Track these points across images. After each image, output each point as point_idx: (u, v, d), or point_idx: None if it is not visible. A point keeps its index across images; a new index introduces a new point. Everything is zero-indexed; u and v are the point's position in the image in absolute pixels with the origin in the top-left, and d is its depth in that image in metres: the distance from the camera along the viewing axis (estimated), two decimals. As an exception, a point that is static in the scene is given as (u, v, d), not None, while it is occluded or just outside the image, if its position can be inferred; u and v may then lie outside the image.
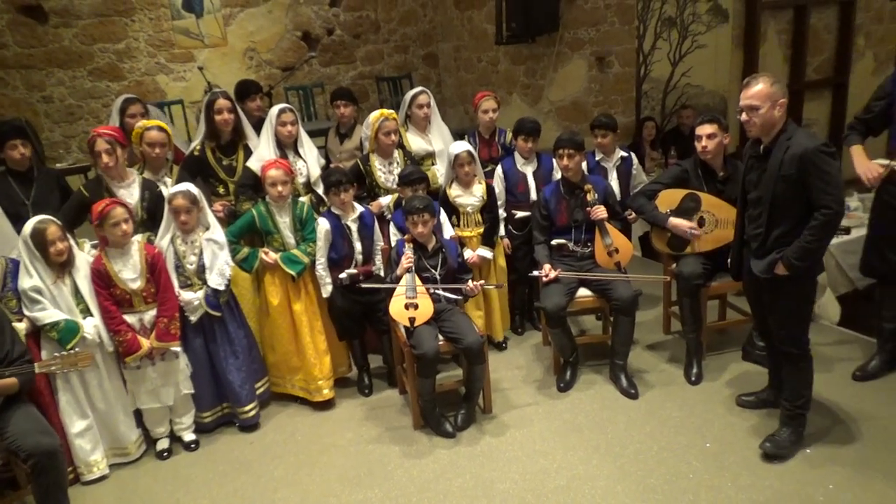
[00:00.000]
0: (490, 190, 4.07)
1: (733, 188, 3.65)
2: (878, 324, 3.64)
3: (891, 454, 3.02)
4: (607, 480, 3.01)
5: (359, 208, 3.80)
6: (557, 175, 4.09)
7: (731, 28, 6.90)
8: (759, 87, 2.80)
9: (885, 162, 3.35)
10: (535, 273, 3.75)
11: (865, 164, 3.37)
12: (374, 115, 4.00)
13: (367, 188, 4.11)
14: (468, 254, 3.96)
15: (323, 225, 3.66)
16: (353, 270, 3.70)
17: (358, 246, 3.74)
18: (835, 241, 4.09)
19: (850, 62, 7.56)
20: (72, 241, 3.21)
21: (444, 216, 3.92)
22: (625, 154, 4.40)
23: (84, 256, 3.30)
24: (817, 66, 7.50)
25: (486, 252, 4.02)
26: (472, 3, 6.87)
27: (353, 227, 3.73)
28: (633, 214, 4.08)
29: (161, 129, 3.74)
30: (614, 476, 3.03)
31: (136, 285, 3.27)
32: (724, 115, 6.85)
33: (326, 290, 3.70)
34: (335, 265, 3.70)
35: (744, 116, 2.85)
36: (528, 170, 4.21)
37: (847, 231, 3.92)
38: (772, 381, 3.39)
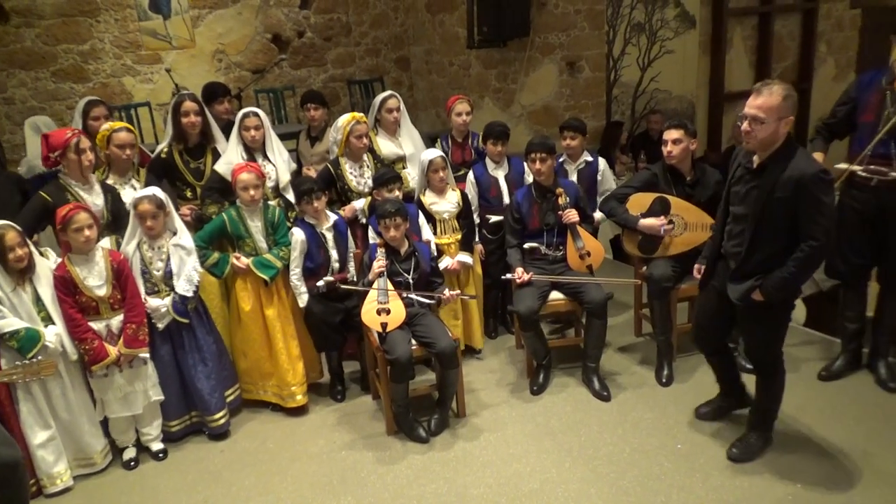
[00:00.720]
0: (465, 195, 4.07)
1: (701, 192, 3.70)
2: (842, 324, 3.72)
3: (856, 453, 3.08)
4: (580, 483, 3.02)
5: (332, 216, 3.76)
6: (529, 178, 4.10)
7: (699, 34, 7.03)
8: (768, 99, 2.55)
9: (844, 166, 3.40)
10: (508, 276, 3.76)
11: None
12: (345, 119, 3.97)
13: (337, 192, 4.08)
14: (448, 261, 3.95)
15: (298, 235, 3.62)
16: (329, 278, 3.66)
17: (334, 254, 3.71)
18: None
19: (813, 68, 7.76)
20: (32, 248, 3.12)
21: (422, 219, 3.91)
22: (590, 158, 4.37)
23: (45, 263, 3.20)
24: (781, 72, 7.68)
25: (466, 258, 4.01)
26: (444, 6, 6.87)
27: (329, 235, 3.69)
28: (598, 215, 4.07)
29: (129, 130, 3.67)
30: (587, 478, 3.05)
31: (103, 292, 3.19)
32: (692, 119, 6.98)
33: (303, 300, 3.65)
34: (312, 274, 3.67)
35: (745, 126, 2.62)
36: (500, 174, 4.22)
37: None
38: (722, 388, 3.38)
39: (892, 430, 3.22)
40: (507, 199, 4.15)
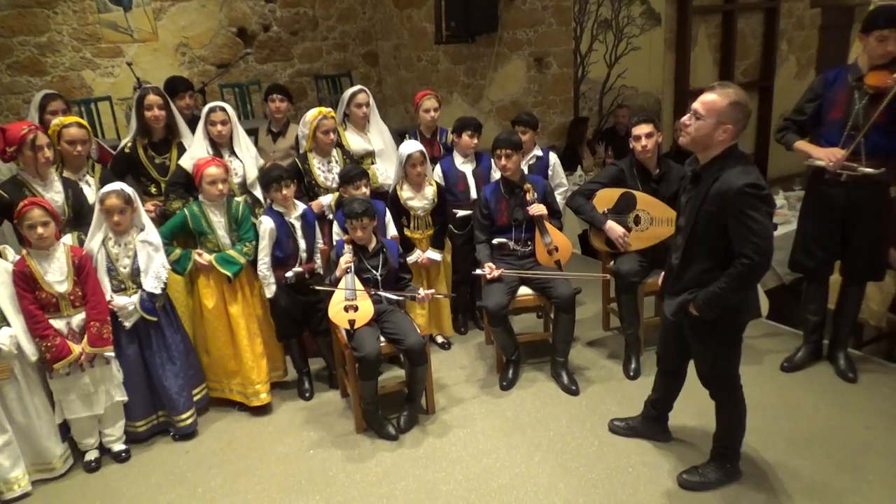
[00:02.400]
0: (441, 192, 4.05)
1: (667, 187, 3.75)
2: (804, 317, 3.79)
3: (816, 441, 3.15)
4: (549, 477, 3.04)
5: (301, 206, 3.73)
6: (496, 173, 4.11)
7: (664, 31, 7.11)
8: (713, 98, 2.43)
9: (820, 163, 3.40)
10: (478, 272, 3.76)
11: (824, 150, 3.31)
12: (312, 113, 3.93)
13: (305, 187, 4.03)
14: (417, 255, 3.93)
15: (267, 223, 3.57)
16: (298, 269, 3.64)
17: (302, 244, 3.67)
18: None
19: (775, 66, 7.91)
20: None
21: (388, 216, 3.88)
22: (540, 153, 4.38)
23: (1, 263, 3.10)
24: (745, 69, 7.82)
25: (435, 255, 4.01)
26: (412, 1, 6.84)
27: (297, 224, 3.66)
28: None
29: (81, 125, 3.56)
30: (556, 473, 3.06)
31: (63, 288, 3.10)
32: (658, 115, 7.06)
33: (270, 291, 3.62)
34: (281, 264, 3.63)
35: (685, 119, 2.52)
36: (467, 169, 4.22)
37: (773, 227, 4.06)
38: (647, 411, 3.23)
39: (850, 418, 3.30)
40: (474, 194, 4.15)
